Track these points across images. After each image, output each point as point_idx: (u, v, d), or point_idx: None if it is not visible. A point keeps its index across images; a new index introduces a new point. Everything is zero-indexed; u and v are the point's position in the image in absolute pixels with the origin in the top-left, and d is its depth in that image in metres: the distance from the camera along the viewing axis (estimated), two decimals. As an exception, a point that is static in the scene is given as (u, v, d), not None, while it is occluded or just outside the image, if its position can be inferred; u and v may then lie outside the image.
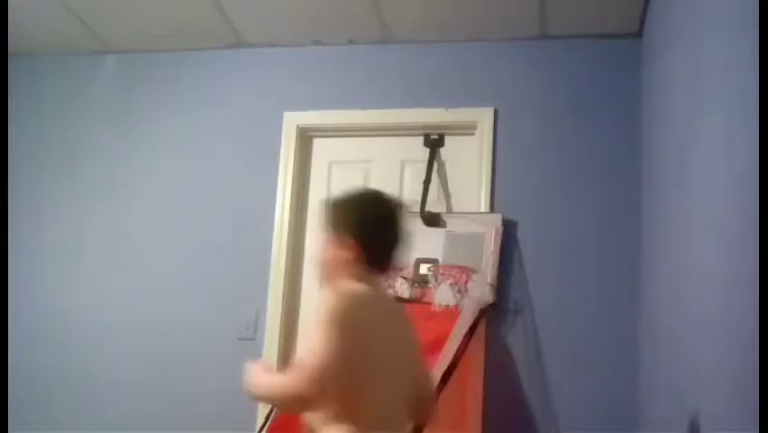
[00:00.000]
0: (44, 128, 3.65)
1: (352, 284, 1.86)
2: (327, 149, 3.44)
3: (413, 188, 3.26)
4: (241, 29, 3.42)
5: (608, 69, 3.19)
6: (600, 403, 2.87)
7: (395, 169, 3.34)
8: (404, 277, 3.04)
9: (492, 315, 2.95)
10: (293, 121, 3.41)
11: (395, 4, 3.13)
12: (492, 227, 3.03)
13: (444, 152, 3.31)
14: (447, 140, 3.31)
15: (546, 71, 3.25)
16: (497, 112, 3.24)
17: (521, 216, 3.10)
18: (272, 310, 3.23)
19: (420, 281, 3.04)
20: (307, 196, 3.39)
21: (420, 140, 3.32)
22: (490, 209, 3.13)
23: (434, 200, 3.22)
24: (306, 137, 3.45)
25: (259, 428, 2.68)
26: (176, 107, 3.56)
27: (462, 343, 2.66)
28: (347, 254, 1.88)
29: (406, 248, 1.98)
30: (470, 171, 3.23)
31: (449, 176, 3.30)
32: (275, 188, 3.35)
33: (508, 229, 3.07)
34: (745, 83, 1.36)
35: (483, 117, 3.24)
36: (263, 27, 3.40)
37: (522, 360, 2.98)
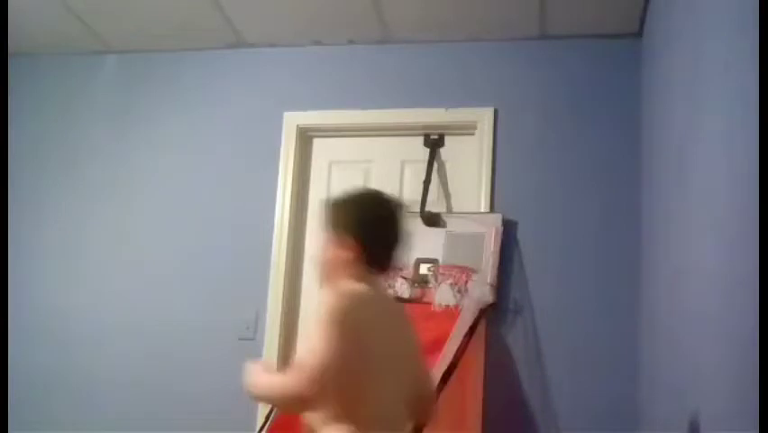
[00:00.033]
0: (44, 128, 3.65)
1: (351, 284, 1.85)
2: (327, 149, 3.44)
3: (413, 188, 3.26)
4: (241, 29, 3.42)
5: (608, 69, 3.19)
6: (600, 403, 2.87)
7: (395, 169, 3.34)
8: (404, 277, 3.04)
9: (492, 315, 2.95)
10: (293, 121, 3.41)
11: (395, 4, 3.13)
12: (492, 227, 3.03)
13: (444, 152, 3.31)
14: (447, 140, 3.31)
15: (546, 71, 3.25)
16: (497, 112, 3.24)
17: (521, 216, 3.10)
18: (272, 310, 3.23)
19: (420, 281, 3.04)
20: (307, 196, 3.39)
21: (420, 140, 3.32)
22: (490, 209, 3.13)
23: (434, 200, 3.22)
24: (306, 137, 3.45)
25: (259, 428, 2.68)
26: (176, 107, 3.56)
27: (462, 343, 2.66)
28: (347, 254, 1.88)
29: (406, 248, 1.98)
30: (470, 171, 3.23)
31: (449, 176, 3.30)
32: (275, 188, 3.35)
33: (508, 229, 3.07)
34: (745, 83, 1.36)
35: (483, 117, 3.24)
36: (263, 27, 3.40)
37: (522, 360, 2.98)
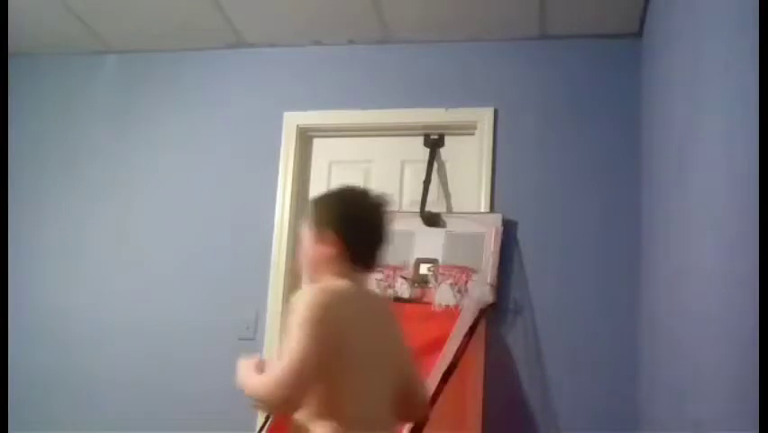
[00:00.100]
0: (44, 128, 3.65)
1: (333, 281, 1.84)
2: (327, 149, 3.45)
3: (413, 188, 3.26)
4: (241, 29, 3.42)
5: (608, 69, 3.19)
6: (600, 403, 2.87)
7: (395, 169, 3.34)
8: (404, 277, 3.04)
9: (492, 315, 2.95)
10: (293, 121, 3.41)
11: (395, 4, 3.13)
12: (492, 227, 3.03)
13: (444, 152, 3.31)
14: (447, 140, 3.31)
15: (546, 71, 3.25)
16: (497, 112, 3.24)
17: (521, 216, 3.10)
18: (272, 310, 3.23)
19: (420, 281, 3.04)
20: (307, 196, 3.37)
21: (420, 140, 3.32)
22: (490, 209, 3.13)
23: (434, 200, 3.22)
24: (306, 137, 3.45)
25: (259, 429, 2.68)
26: (176, 107, 3.56)
27: (462, 343, 2.66)
28: (329, 250, 1.86)
29: (389, 246, 1.95)
30: (470, 171, 3.23)
31: (449, 176, 3.30)
32: (275, 188, 3.35)
33: (508, 229, 3.07)
34: (745, 83, 1.36)
35: (483, 117, 3.24)
36: (263, 27, 3.40)
37: (522, 360, 2.98)
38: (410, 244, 3.09)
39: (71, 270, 3.46)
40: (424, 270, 3.06)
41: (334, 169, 3.41)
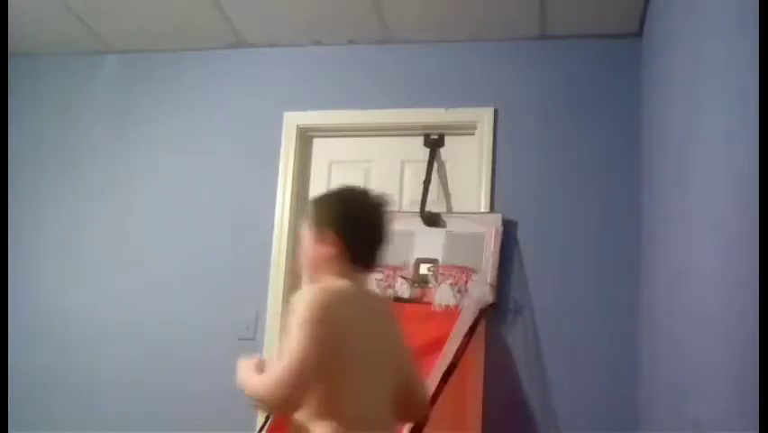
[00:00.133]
0: (44, 128, 3.65)
1: (332, 281, 1.84)
2: (327, 149, 3.45)
3: (413, 188, 3.26)
4: (241, 29, 3.42)
5: (608, 69, 3.19)
6: (600, 403, 2.87)
7: (395, 169, 3.34)
8: (404, 277, 3.04)
9: (492, 315, 2.95)
10: (293, 121, 3.41)
11: (395, 4, 3.13)
12: (492, 227, 3.03)
13: (444, 152, 3.31)
14: (447, 140, 3.31)
15: (546, 71, 3.25)
16: (497, 112, 3.24)
17: (521, 216, 3.10)
18: (272, 310, 3.23)
19: (420, 281, 3.04)
20: (307, 196, 3.37)
21: (420, 140, 3.32)
22: (490, 209, 3.13)
23: (434, 200, 3.22)
24: (306, 137, 3.45)
25: (259, 429, 2.68)
26: (176, 107, 3.56)
27: (462, 343, 2.66)
28: (329, 250, 1.86)
29: (389, 246, 1.95)
30: (470, 171, 3.23)
31: (449, 176, 3.30)
32: (275, 188, 3.35)
33: (508, 229, 3.07)
34: (745, 83, 1.36)
35: (483, 117, 3.24)
36: (263, 27, 3.40)
37: (522, 360, 2.98)
38: (410, 244, 3.09)
39: (71, 270, 3.46)
40: (424, 270, 3.06)
41: (334, 169, 3.41)
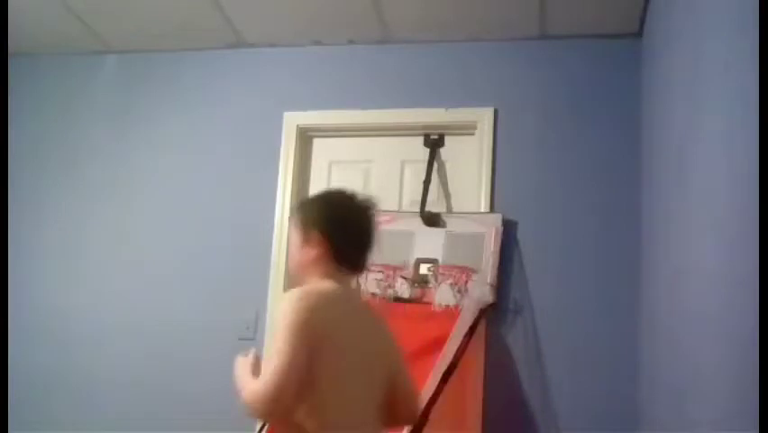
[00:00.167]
0: (44, 128, 3.65)
1: (318, 282, 1.84)
2: (327, 149, 3.44)
3: (413, 188, 3.26)
4: (241, 29, 3.42)
5: (608, 69, 3.19)
6: (600, 403, 2.87)
7: (395, 169, 3.34)
8: (404, 277, 3.04)
9: (492, 315, 2.95)
10: (293, 121, 3.41)
11: (395, 4, 3.13)
12: (492, 227, 3.03)
13: (444, 152, 3.31)
14: (447, 140, 3.31)
15: (546, 71, 3.25)
16: (497, 112, 3.24)
17: (521, 216, 3.10)
18: (272, 310, 3.22)
19: (420, 281, 3.04)
20: (307, 196, 3.39)
21: (420, 140, 3.32)
22: (490, 209, 3.13)
23: (434, 200, 3.22)
24: (306, 137, 3.45)
25: (259, 429, 2.68)
26: (176, 107, 3.56)
27: (462, 343, 2.66)
28: (315, 251, 1.86)
29: (376, 248, 1.94)
30: (470, 171, 3.23)
31: (449, 176, 3.30)
32: (275, 188, 3.35)
33: (508, 229, 3.07)
34: (745, 83, 1.36)
35: (483, 117, 3.24)
36: (263, 27, 3.40)
37: (522, 360, 2.98)
38: (410, 244, 3.10)
39: (71, 270, 3.46)
40: (424, 270, 3.05)
41: (334, 169, 3.41)
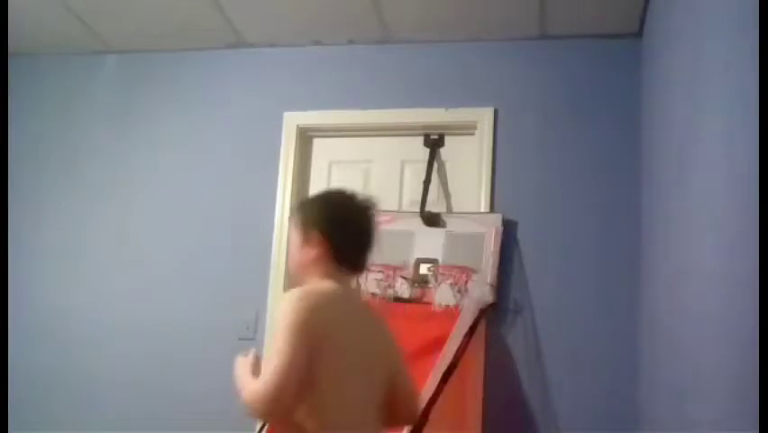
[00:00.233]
0: (44, 128, 3.65)
1: (318, 282, 1.84)
2: (327, 149, 3.44)
3: (413, 188, 3.26)
4: (241, 29, 3.42)
5: (608, 69, 3.19)
6: (600, 403, 2.87)
7: (395, 169, 3.34)
8: (404, 277, 3.04)
9: (492, 315, 2.95)
10: (293, 121, 3.41)
11: (395, 4, 3.13)
12: (492, 227, 3.03)
13: (444, 152, 3.31)
14: (447, 140, 3.31)
15: (546, 71, 3.25)
16: (497, 112, 3.24)
17: (521, 216, 3.10)
18: (272, 310, 3.22)
19: (420, 281, 3.04)
20: (307, 196, 3.39)
21: (420, 140, 3.32)
22: (490, 209, 3.13)
23: (434, 200, 3.22)
24: (306, 137, 3.45)
25: (259, 429, 2.68)
26: (176, 107, 3.56)
27: (462, 343, 2.66)
28: (315, 251, 1.87)
29: (376, 248, 1.94)
30: (470, 171, 3.23)
31: (449, 176, 3.30)
32: (275, 188, 3.35)
33: (508, 229, 3.07)
34: (745, 83, 1.36)
35: (483, 117, 3.24)
36: (263, 27, 3.40)
37: (522, 360, 2.98)
38: (410, 244, 3.10)
39: (71, 270, 3.46)
40: (424, 270, 3.06)
41: (334, 169, 3.41)
